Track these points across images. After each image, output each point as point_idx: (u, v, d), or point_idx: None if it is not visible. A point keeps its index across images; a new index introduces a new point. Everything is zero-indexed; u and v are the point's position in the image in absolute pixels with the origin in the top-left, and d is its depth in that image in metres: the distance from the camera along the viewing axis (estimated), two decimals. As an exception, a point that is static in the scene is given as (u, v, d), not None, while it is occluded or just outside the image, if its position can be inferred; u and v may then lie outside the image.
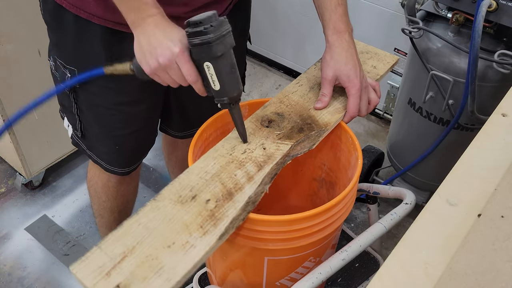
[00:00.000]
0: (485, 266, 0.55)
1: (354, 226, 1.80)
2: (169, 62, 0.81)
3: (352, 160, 0.98)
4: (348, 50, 0.98)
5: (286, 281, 0.99)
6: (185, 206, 0.79)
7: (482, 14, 1.15)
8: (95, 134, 1.15)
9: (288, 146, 0.92)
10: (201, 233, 0.75)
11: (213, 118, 1.02)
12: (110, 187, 1.31)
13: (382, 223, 0.93)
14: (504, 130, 0.74)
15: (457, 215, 0.61)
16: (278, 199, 1.24)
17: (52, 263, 1.67)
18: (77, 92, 1.07)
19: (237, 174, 0.85)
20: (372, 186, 1.16)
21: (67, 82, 1.01)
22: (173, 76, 0.83)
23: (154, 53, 0.81)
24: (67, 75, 1.05)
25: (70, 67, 1.04)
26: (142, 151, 1.26)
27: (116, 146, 1.16)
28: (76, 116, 1.12)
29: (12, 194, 1.89)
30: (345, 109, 0.99)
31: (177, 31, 0.82)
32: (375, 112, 2.20)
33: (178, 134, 1.37)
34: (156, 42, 0.81)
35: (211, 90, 0.84)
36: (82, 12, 0.95)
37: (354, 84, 0.97)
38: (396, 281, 0.54)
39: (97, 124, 1.13)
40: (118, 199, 1.35)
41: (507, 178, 0.66)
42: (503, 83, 1.30)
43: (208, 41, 0.77)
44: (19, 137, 1.68)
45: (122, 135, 1.15)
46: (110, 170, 1.21)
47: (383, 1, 1.88)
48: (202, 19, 0.77)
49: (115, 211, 1.38)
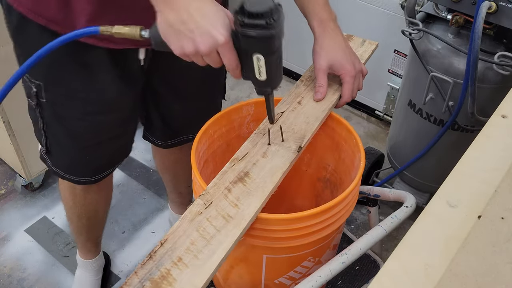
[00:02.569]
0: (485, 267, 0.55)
1: (354, 228, 1.80)
2: (210, 51, 0.72)
3: (355, 161, 0.98)
4: (336, 38, 0.99)
5: (285, 279, 0.99)
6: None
7: (482, 15, 1.15)
8: (63, 146, 1.11)
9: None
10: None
11: (218, 115, 1.02)
12: (76, 194, 1.27)
13: (382, 226, 0.93)
14: (504, 132, 0.74)
15: (457, 217, 0.61)
16: (284, 199, 1.24)
17: (52, 264, 1.67)
18: (42, 106, 1.02)
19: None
20: (373, 188, 1.16)
21: (55, 41, 0.75)
22: (209, 61, 0.75)
23: (191, 36, 0.71)
24: (32, 90, 1.00)
25: (36, 81, 0.99)
26: (113, 160, 1.21)
27: (87, 156, 1.12)
28: (42, 131, 1.07)
29: (12, 196, 1.89)
30: (336, 92, 1.01)
31: (216, 9, 0.72)
32: (375, 114, 2.20)
33: (162, 143, 1.32)
34: (192, 22, 0.70)
35: (252, 78, 0.78)
36: (41, 19, 0.88)
37: (348, 70, 0.99)
38: (396, 283, 0.54)
39: (66, 136, 1.08)
40: (86, 206, 1.31)
41: (507, 179, 0.66)
42: (503, 85, 1.30)
43: (269, 36, 0.70)
44: (19, 139, 1.68)
45: (92, 145, 1.10)
46: (77, 181, 1.18)
47: (383, 3, 1.88)
48: (264, 12, 0.68)
49: (83, 217, 1.34)
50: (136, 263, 1.68)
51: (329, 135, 1.06)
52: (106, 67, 0.98)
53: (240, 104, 1.06)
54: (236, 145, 1.10)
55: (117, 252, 1.70)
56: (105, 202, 1.39)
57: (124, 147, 1.21)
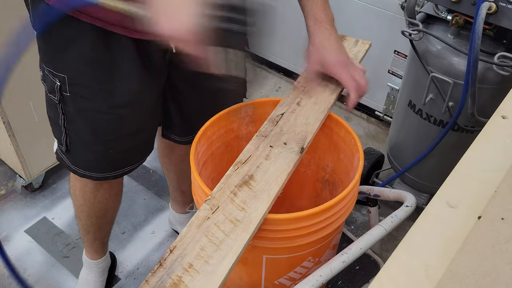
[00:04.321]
0: (485, 268, 0.55)
1: (354, 228, 1.80)
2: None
3: (354, 162, 0.98)
4: (329, 38, 0.99)
5: (285, 280, 0.99)
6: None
7: (482, 16, 1.15)
8: (85, 142, 1.11)
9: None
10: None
11: (216, 116, 1.02)
12: (87, 192, 1.28)
13: (382, 225, 0.93)
14: (504, 132, 0.74)
15: (457, 217, 0.61)
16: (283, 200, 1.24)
17: (52, 265, 1.67)
18: (65, 101, 1.04)
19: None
20: (373, 188, 1.16)
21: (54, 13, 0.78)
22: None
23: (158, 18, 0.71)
24: (56, 84, 1.01)
25: (61, 74, 1.00)
26: (134, 156, 1.22)
27: (109, 150, 1.13)
28: (62, 128, 1.08)
29: (12, 196, 1.89)
30: (336, 90, 1.02)
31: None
32: (375, 114, 2.20)
33: (181, 140, 1.35)
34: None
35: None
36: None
37: (339, 70, 0.99)
38: (396, 283, 0.54)
39: (89, 131, 1.09)
40: (95, 204, 1.32)
41: (507, 180, 0.66)
42: (503, 85, 1.30)
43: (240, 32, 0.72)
44: (19, 139, 1.68)
45: (114, 139, 1.11)
46: (96, 177, 1.18)
47: (382, 3, 1.89)
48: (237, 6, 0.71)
49: (92, 216, 1.35)
50: (136, 263, 1.68)
51: (328, 136, 1.06)
52: (130, 57, 1.00)
53: (239, 105, 1.06)
54: (235, 146, 1.10)
55: (117, 252, 1.70)
56: (115, 201, 1.40)
57: (144, 144, 1.21)
